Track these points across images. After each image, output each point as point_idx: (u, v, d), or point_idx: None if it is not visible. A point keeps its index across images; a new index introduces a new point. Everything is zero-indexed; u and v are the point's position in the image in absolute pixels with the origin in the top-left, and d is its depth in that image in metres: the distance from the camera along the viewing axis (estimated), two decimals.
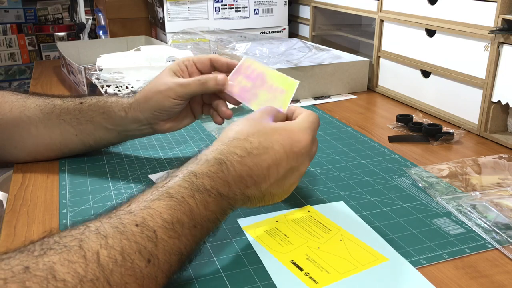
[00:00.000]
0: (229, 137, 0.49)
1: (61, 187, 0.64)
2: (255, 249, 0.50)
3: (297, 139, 0.51)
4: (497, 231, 0.52)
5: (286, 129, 0.51)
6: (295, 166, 0.51)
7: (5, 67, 3.08)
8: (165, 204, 0.41)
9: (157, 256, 0.38)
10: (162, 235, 0.39)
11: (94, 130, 0.66)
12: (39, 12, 3.11)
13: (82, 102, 0.66)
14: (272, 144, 0.49)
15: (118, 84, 0.97)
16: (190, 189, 0.43)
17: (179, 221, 0.41)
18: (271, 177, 0.49)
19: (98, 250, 0.35)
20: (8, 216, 0.57)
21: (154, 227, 0.39)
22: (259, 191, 0.49)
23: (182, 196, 0.42)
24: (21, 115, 0.65)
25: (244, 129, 0.50)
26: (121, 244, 0.36)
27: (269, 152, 0.49)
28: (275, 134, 0.50)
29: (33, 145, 0.67)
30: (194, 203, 0.42)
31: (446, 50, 0.87)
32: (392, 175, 0.67)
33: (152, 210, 0.40)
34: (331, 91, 1.06)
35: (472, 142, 0.79)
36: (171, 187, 0.43)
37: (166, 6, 1.28)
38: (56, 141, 0.67)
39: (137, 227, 0.38)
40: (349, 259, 0.48)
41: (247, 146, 0.48)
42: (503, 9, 0.74)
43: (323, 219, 0.55)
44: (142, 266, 0.37)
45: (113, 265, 0.35)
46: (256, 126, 0.50)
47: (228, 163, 0.46)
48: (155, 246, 0.38)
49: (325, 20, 1.37)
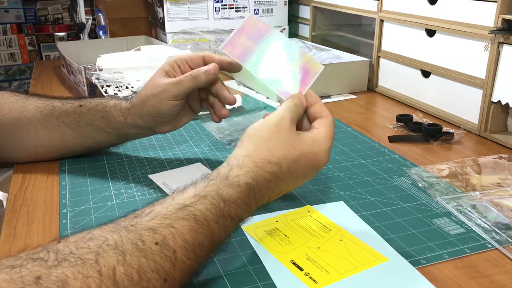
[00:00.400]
0: (262, 157, 0.48)
1: (61, 187, 0.64)
2: (255, 249, 0.50)
3: (321, 161, 0.51)
4: (497, 231, 0.52)
5: (313, 152, 0.50)
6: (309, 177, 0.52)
7: (5, 67, 3.08)
8: (189, 225, 0.40)
9: (174, 277, 0.38)
10: (182, 256, 0.38)
11: (94, 133, 0.66)
12: (39, 12, 3.11)
13: (81, 105, 0.65)
14: (297, 168, 0.50)
15: (118, 84, 0.97)
16: (216, 214, 0.43)
17: (200, 244, 0.40)
18: (282, 191, 0.51)
19: (114, 266, 0.34)
20: (8, 216, 0.57)
21: (174, 247, 0.38)
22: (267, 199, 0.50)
23: (206, 220, 0.42)
24: (20, 116, 0.65)
25: (276, 149, 0.49)
26: (139, 262, 0.35)
27: (292, 176, 0.50)
28: (303, 158, 0.50)
29: (32, 146, 0.67)
30: (216, 228, 0.42)
31: (446, 50, 0.87)
32: (392, 175, 0.67)
33: (174, 230, 0.39)
34: (331, 91, 1.06)
35: (472, 142, 0.79)
36: (198, 209, 0.42)
37: (166, 6, 1.28)
38: (56, 143, 0.67)
39: (157, 245, 0.37)
40: (349, 259, 0.48)
41: (277, 171, 0.48)
42: (503, 9, 0.74)
43: (323, 219, 0.55)
44: (158, 285, 0.36)
45: (129, 283, 0.34)
46: (287, 146, 0.49)
47: (256, 189, 0.47)
48: (173, 267, 0.38)
49: (325, 20, 1.37)
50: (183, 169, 0.69)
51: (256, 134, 0.50)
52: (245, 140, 0.50)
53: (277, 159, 0.48)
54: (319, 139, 0.51)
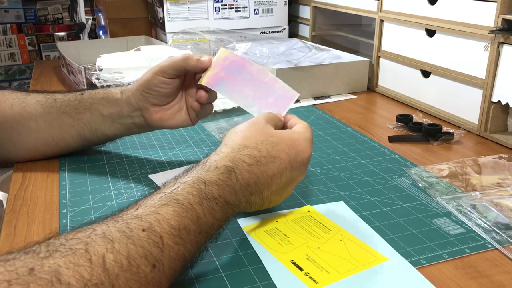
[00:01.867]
0: (238, 144, 0.50)
1: (61, 187, 0.64)
2: (255, 249, 0.50)
3: (302, 149, 0.52)
4: (497, 231, 0.52)
5: (292, 139, 0.52)
6: (296, 175, 0.52)
7: (5, 67, 3.08)
8: (173, 210, 0.41)
9: (162, 262, 0.38)
10: (169, 241, 0.39)
11: (90, 118, 0.66)
12: (39, 12, 3.11)
13: (83, 93, 0.67)
14: (279, 153, 0.50)
15: (118, 84, 0.97)
16: (199, 196, 0.43)
17: (186, 228, 0.41)
18: (274, 185, 0.50)
19: (104, 254, 0.35)
20: (8, 216, 0.57)
21: (161, 233, 0.39)
22: (260, 198, 0.50)
23: (190, 203, 0.42)
24: (22, 111, 0.66)
25: (253, 137, 0.50)
26: (128, 248, 0.36)
27: (275, 162, 0.50)
28: (282, 144, 0.51)
29: (31, 141, 0.67)
30: (201, 211, 0.43)
31: (446, 50, 0.87)
32: (392, 175, 0.67)
33: (159, 216, 0.40)
34: (331, 91, 1.06)
35: (472, 142, 0.79)
36: (179, 194, 0.43)
37: (166, 6, 1.28)
38: (54, 135, 0.67)
39: (144, 232, 0.38)
40: (349, 259, 0.48)
41: (256, 154, 0.49)
42: (503, 9, 0.74)
43: (323, 219, 0.55)
44: (147, 271, 0.37)
45: (119, 269, 0.35)
46: (264, 134, 0.51)
47: (237, 171, 0.47)
48: (161, 252, 0.38)
49: (325, 20, 1.37)
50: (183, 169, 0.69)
51: (233, 131, 0.52)
52: (224, 138, 0.52)
53: (254, 144, 0.50)
54: (296, 129, 0.54)
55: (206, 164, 0.47)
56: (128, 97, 0.64)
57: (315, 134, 0.82)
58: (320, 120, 0.90)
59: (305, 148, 0.52)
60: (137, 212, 0.40)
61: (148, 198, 0.42)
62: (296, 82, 1.01)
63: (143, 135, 0.80)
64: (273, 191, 0.51)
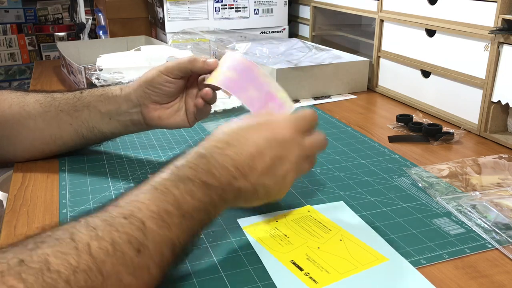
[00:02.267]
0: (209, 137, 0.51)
1: (61, 187, 0.64)
2: (255, 249, 0.50)
3: (278, 127, 0.51)
4: (497, 231, 0.52)
5: (266, 122, 0.52)
6: (282, 154, 0.50)
7: (5, 67, 3.07)
8: (151, 196, 0.42)
9: (148, 246, 0.39)
10: (151, 225, 0.40)
11: (88, 116, 0.66)
12: (39, 12, 3.11)
13: (82, 91, 0.67)
14: (251, 135, 0.50)
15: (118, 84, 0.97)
16: (174, 180, 0.44)
17: (166, 211, 0.41)
18: (257, 166, 0.48)
19: (88, 242, 0.36)
20: (8, 216, 0.57)
21: (143, 218, 0.40)
22: (249, 183, 0.48)
23: (166, 188, 0.43)
24: (21, 110, 0.66)
25: (225, 128, 0.51)
26: (111, 235, 0.37)
27: (249, 143, 0.49)
28: (254, 127, 0.51)
29: (30, 140, 0.67)
30: (178, 193, 0.43)
31: (446, 50, 0.87)
32: (392, 175, 0.67)
33: (139, 203, 0.41)
34: (331, 91, 1.06)
35: (472, 142, 0.79)
36: (155, 181, 0.44)
37: (166, 6, 1.28)
38: (52, 134, 0.67)
39: (126, 219, 0.39)
40: (349, 259, 0.48)
41: (226, 138, 0.49)
42: (503, 9, 0.74)
43: (323, 219, 0.55)
44: (133, 255, 0.38)
45: (105, 255, 0.36)
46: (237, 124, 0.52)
47: (209, 155, 0.47)
48: (145, 236, 0.39)
49: (325, 20, 1.37)
50: None
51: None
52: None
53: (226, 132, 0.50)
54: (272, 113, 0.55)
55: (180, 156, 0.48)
56: (128, 93, 0.64)
57: None
58: (320, 120, 0.90)
59: (282, 126, 0.51)
60: (117, 202, 0.41)
61: (127, 192, 0.44)
62: (296, 82, 1.01)
63: (143, 135, 0.80)
64: (261, 174, 0.48)
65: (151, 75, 0.63)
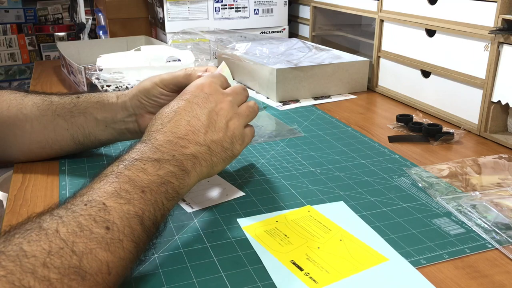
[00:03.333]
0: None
1: (61, 187, 0.64)
2: (255, 249, 0.50)
3: (191, 88, 0.55)
4: (497, 231, 0.52)
5: (184, 92, 0.56)
6: (212, 107, 0.54)
7: (5, 67, 3.08)
8: (105, 181, 0.44)
9: (114, 222, 0.40)
10: (112, 203, 0.41)
11: (84, 122, 0.66)
12: (39, 12, 3.11)
13: (79, 96, 0.67)
14: (175, 106, 0.53)
15: (118, 84, 0.97)
16: (123, 166, 0.46)
17: (122, 189, 0.43)
18: (197, 127, 0.52)
19: (56, 227, 0.37)
20: (8, 216, 0.57)
21: (102, 199, 0.41)
22: (198, 145, 0.51)
23: (117, 172, 0.45)
24: (18, 113, 0.66)
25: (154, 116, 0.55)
26: (76, 219, 0.39)
27: (179, 111, 0.53)
28: (174, 101, 0.55)
29: (26, 143, 0.67)
30: (130, 173, 0.45)
31: (446, 50, 0.87)
32: (392, 175, 0.67)
33: (95, 190, 0.43)
34: (331, 91, 1.06)
35: (472, 142, 0.79)
36: (104, 172, 0.46)
37: (166, 6, 1.28)
38: (48, 138, 0.67)
39: (86, 205, 0.41)
40: (349, 259, 0.48)
41: (157, 121, 0.53)
42: (503, 9, 0.74)
43: (323, 219, 0.55)
44: (102, 232, 0.39)
45: (74, 237, 0.37)
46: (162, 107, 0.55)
47: (149, 139, 0.50)
48: (109, 214, 0.41)
49: (325, 20, 1.37)
50: None
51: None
52: None
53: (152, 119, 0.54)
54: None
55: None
56: (124, 102, 0.65)
57: (315, 134, 0.82)
58: (320, 120, 0.90)
59: (193, 85, 0.56)
60: (74, 195, 0.43)
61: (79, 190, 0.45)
62: (296, 82, 1.01)
63: None
64: (205, 133, 0.52)
65: (147, 86, 0.63)
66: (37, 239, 0.36)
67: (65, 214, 0.39)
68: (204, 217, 0.56)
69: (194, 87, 0.56)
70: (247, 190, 0.62)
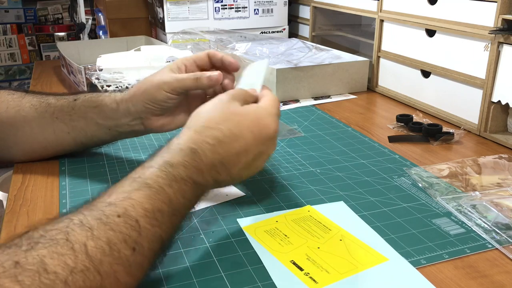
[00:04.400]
0: (200, 125, 0.49)
1: (61, 187, 0.64)
2: (255, 249, 0.50)
3: (266, 124, 0.51)
4: (497, 231, 0.52)
5: (255, 114, 0.51)
6: (263, 150, 0.52)
7: (5, 67, 3.07)
8: (145, 194, 0.42)
9: (142, 244, 0.39)
10: (145, 224, 0.40)
11: (85, 126, 0.65)
12: (39, 12, 3.11)
13: (76, 99, 0.65)
14: (241, 131, 0.50)
15: (118, 84, 0.97)
16: (168, 179, 0.44)
17: (159, 210, 0.42)
18: (241, 162, 0.50)
19: (85, 242, 0.36)
20: (8, 216, 0.57)
21: (136, 216, 0.40)
22: (229, 177, 0.50)
23: (160, 186, 0.43)
24: (16, 114, 0.65)
25: (215, 117, 0.50)
26: (107, 234, 0.37)
27: (239, 140, 0.49)
28: (245, 121, 0.50)
29: (27, 144, 0.67)
30: (172, 192, 0.44)
31: (446, 50, 0.87)
32: (392, 175, 0.67)
33: (133, 201, 0.41)
34: (331, 91, 1.06)
35: (472, 142, 0.79)
36: (148, 178, 0.43)
37: (166, 6, 1.28)
38: (50, 140, 0.67)
39: (120, 217, 0.39)
40: (349, 259, 0.48)
41: (218, 134, 0.49)
42: (503, 9, 0.74)
43: (323, 219, 0.55)
44: (128, 254, 0.38)
45: (101, 255, 0.36)
46: (225, 112, 0.50)
47: (201, 152, 0.47)
48: (139, 235, 0.39)
49: (325, 20, 1.37)
50: None
51: (196, 113, 0.52)
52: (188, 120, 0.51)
53: (215, 124, 0.49)
54: (261, 106, 0.53)
55: (170, 148, 0.47)
56: (127, 108, 0.63)
57: (315, 134, 0.82)
58: (320, 120, 0.90)
59: (269, 124, 0.52)
60: (110, 199, 0.41)
61: (118, 185, 0.43)
62: (296, 82, 1.01)
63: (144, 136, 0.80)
64: (242, 168, 0.51)
65: (151, 91, 0.60)
66: (62, 252, 0.34)
67: (96, 225, 0.37)
68: (204, 217, 0.56)
69: (267, 120, 0.52)
70: (247, 190, 0.62)
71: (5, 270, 0.32)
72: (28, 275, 0.32)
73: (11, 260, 0.33)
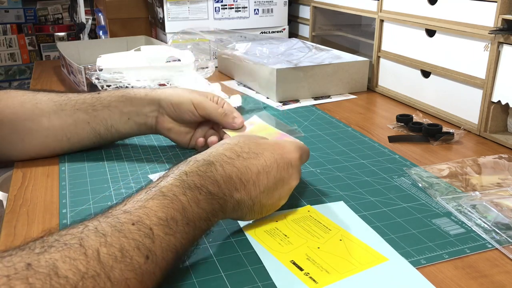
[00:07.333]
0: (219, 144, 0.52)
1: (61, 187, 0.64)
2: (255, 249, 0.50)
3: (288, 150, 0.53)
4: (497, 231, 0.52)
5: (277, 142, 0.54)
6: (285, 177, 0.52)
7: (5, 67, 3.08)
8: (159, 202, 0.42)
9: (155, 253, 0.39)
10: (159, 232, 0.40)
11: (108, 115, 0.69)
12: (39, 12, 3.11)
13: (99, 93, 0.70)
14: (262, 151, 0.51)
15: (118, 84, 0.97)
16: (182, 187, 0.44)
17: (173, 218, 0.42)
18: (261, 184, 0.50)
19: (98, 248, 0.36)
20: (8, 216, 0.57)
21: (150, 224, 0.40)
22: (248, 197, 0.49)
23: (174, 194, 0.43)
24: (34, 108, 0.67)
25: (235, 138, 0.53)
26: (120, 241, 0.37)
27: (259, 158, 0.50)
28: (266, 144, 0.52)
29: (41, 137, 0.68)
30: (186, 200, 0.43)
31: (446, 50, 0.87)
32: (392, 175, 0.67)
33: (147, 209, 0.41)
34: (331, 91, 1.06)
35: (472, 142, 0.79)
36: (163, 186, 0.44)
37: (166, 6, 1.28)
38: (67, 131, 0.68)
39: (134, 225, 0.39)
40: (349, 259, 0.48)
41: (237, 149, 0.50)
42: (503, 9, 0.74)
43: (323, 219, 0.55)
44: (141, 262, 0.38)
45: (113, 261, 0.36)
46: (245, 137, 0.53)
47: (217, 164, 0.48)
48: (153, 243, 0.39)
49: (325, 20, 1.37)
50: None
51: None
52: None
53: (235, 142, 0.52)
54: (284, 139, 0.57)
55: (187, 160, 0.49)
56: (154, 98, 0.69)
57: (315, 134, 0.82)
58: (320, 120, 0.90)
59: (291, 150, 0.53)
60: (125, 207, 0.41)
61: (134, 195, 0.43)
62: (296, 82, 1.01)
63: (144, 136, 0.80)
64: (262, 192, 0.50)
65: (182, 99, 0.68)
66: (75, 257, 0.34)
67: (110, 232, 0.38)
68: None
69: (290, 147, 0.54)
70: None
71: (16, 272, 0.32)
72: (39, 278, 0.32)
73: (23, 262, 0.33)
